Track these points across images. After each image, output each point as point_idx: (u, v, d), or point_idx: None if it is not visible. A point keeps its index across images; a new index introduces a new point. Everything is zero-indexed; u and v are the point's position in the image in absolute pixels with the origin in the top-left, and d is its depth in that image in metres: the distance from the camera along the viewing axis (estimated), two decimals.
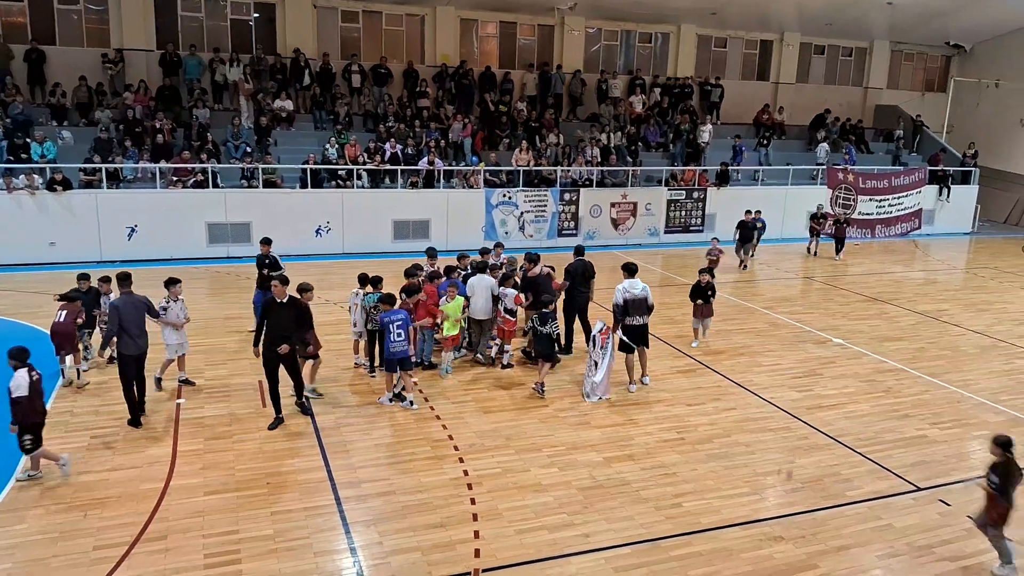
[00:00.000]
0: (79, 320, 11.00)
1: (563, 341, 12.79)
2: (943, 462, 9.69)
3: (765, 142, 27.87)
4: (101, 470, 8.67)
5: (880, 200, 27.46)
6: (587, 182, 23.66)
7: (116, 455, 9.08)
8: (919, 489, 8.96)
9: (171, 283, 10.80)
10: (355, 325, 12.13)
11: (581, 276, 12.89)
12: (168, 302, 10.72)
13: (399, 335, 10.47)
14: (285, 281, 10.05)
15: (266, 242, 13.44)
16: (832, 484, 9.01)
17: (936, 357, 13.92)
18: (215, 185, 19.82)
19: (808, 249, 23.70)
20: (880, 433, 10.48)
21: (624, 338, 11.47)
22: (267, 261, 13.11)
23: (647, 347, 11.76)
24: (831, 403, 11.53)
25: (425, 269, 12.81)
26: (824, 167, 26.99)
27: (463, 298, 12.13)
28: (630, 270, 11.64)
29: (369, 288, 11.81)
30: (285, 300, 9.88)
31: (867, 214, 27.33)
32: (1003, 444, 7.14)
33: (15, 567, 6.91)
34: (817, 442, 10.16)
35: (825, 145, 27.97)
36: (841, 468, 9.43)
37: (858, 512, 8.41)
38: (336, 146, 21.64)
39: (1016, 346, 14.75)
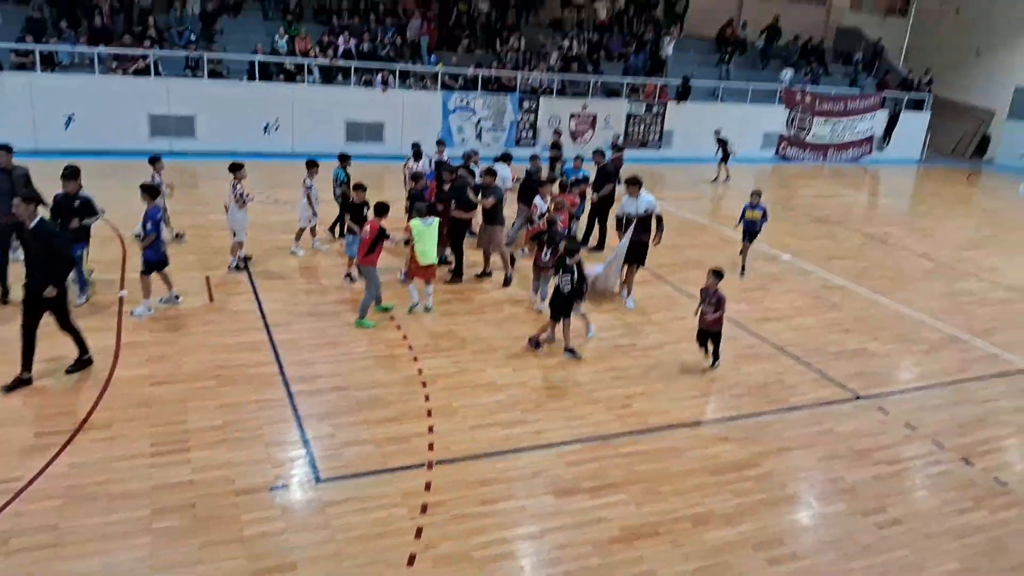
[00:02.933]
0: None
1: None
2: (883, 373, 10.04)
3: (727, 58, 27.57)
4: (41, 360, 8.34)
5: (835, 123, 27.61)
6: (547, 90, 23.15)
7: (55, 346, 8.75)
8: (859, 398, 9.27)
9: (237, 168, 11.13)
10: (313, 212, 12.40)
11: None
12: (240, 185, 11.07)
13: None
14: (32, 199, 7.75)
15: (72, 175, 9.65)
16: (776, 391, 9.26)
17: (880, 277, 14.27)
18: (157, 73, 18.80)
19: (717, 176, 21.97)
20: (824, 345, 10.77)
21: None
22: (76, 204, 9.65)
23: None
24: (778, 316, 11.77)
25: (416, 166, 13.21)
26: (785, 80, 26.94)
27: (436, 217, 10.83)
28: (639, 183, 11.62)
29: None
30: (32, 226, 7.64)
31: (820, 137, 27.49)
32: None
33: None
34: (763, 351, 10.40)
35: (790, 71, 27.73)
36: (785, 376, 9.69)
37: (800, 417, 8.68)
38: (286, 38, 20.65)
39: (957, 269, 15.21)
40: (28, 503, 6.13)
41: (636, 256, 11.51)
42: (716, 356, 9.64)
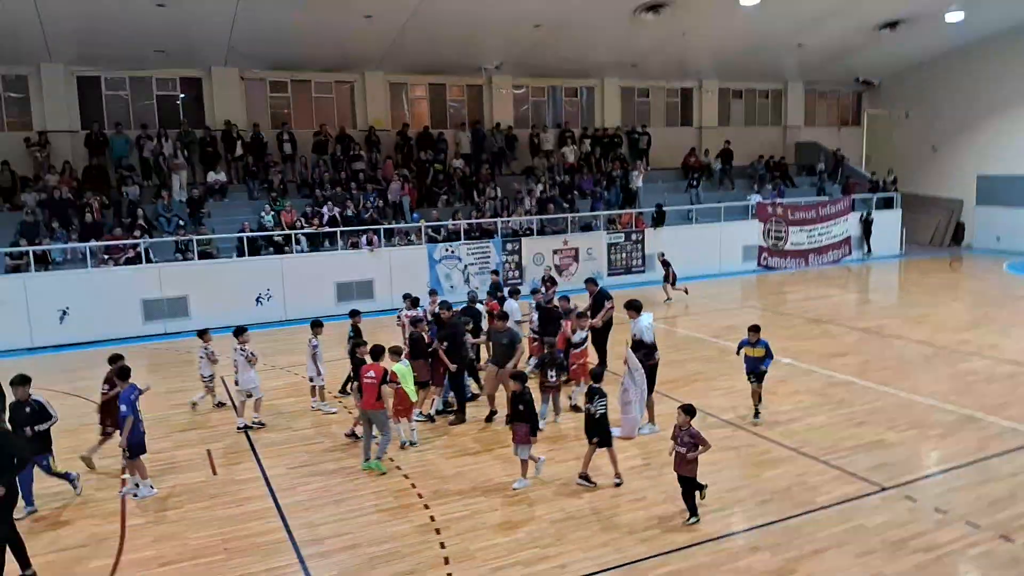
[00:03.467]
0: None
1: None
2: (904, 462, 9.81)
3: (695, 183, 28.66)
4: (46, 552, 8.10)
5: (810, 230, 28.36)
6: (528, 231, 23.89)
7: (60, 536, 8.52)
8: (885, 489, 9.01)
9: (241, 332, 11.96)
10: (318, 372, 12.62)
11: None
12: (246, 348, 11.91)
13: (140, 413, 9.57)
14: None
15: (20, 382, 9.16)
16: (800, 492, 9.01)
17: (883, 368, 14.22)
18: (149, 260, 19.31)
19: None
20: (839, 441, 10.58)
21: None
22: (27, 411, 9.10)
23: None
24: (788, 418, 11.61)
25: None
26: (754, 203, 27.85)
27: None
28: (638, 308, 11.48)
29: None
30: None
31: (799, 244, 28.16)
32: None
33: None
34: (780, 455, 10.19)
35: (756, 196, 28.74)
36: (807, 477, 9.45)
37: (829, 516, 8.40)
38: (272, 213, 21.43)
39: (958, 351, 15.19)
40: None
41: (650, 380, 11.23)
42: (694, 509, 8.45)
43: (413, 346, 11.79)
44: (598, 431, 9.29)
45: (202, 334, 12.95)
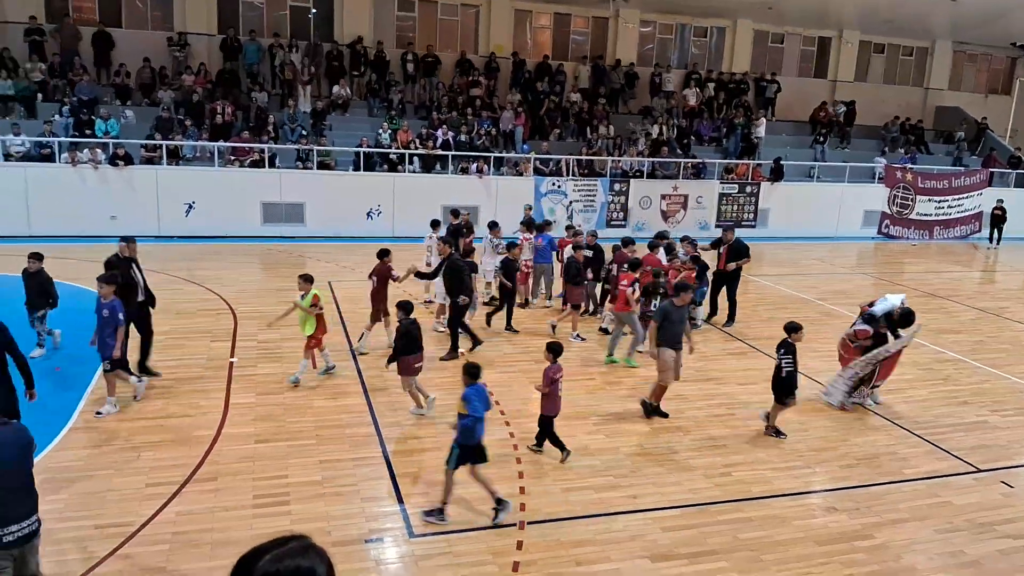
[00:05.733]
0: None
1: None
2: (1005, 447, 9.37)
3: (821, 139, 27.32)
4: (155, 417, 8.87)
5: (939, 201, 26.70)
6: (637, 173, 23.49)
7: (169, 405, 9.27)
8: (980, 471, 8.65)
9: (495, 224, 13.78)
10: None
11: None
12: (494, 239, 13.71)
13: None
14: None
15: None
16: (888, 462, 8.77)
17: (997, 350, 13.46)
18: (271, 165, 20.16)
19: None
20: (939, 417, 10.17)
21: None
22: None
23: None
24: (888, 388, 11.17)
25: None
26: (882, 166, 26.34)
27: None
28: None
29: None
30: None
31: (925, 215, 26.59)
32: None
33: (71, 498, 7.09)
34: (873, 423, 9.91)
35: (882, 159, 27.13)
36: (898, 448, 9.17)
37: (915, 489, 8.16)
38: (389, 131, 21.86)
39: None
40: (138, 547, 6.39)
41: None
42: (539, 442, 8.49)
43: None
44: (778, 387, 9.21)
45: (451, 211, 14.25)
